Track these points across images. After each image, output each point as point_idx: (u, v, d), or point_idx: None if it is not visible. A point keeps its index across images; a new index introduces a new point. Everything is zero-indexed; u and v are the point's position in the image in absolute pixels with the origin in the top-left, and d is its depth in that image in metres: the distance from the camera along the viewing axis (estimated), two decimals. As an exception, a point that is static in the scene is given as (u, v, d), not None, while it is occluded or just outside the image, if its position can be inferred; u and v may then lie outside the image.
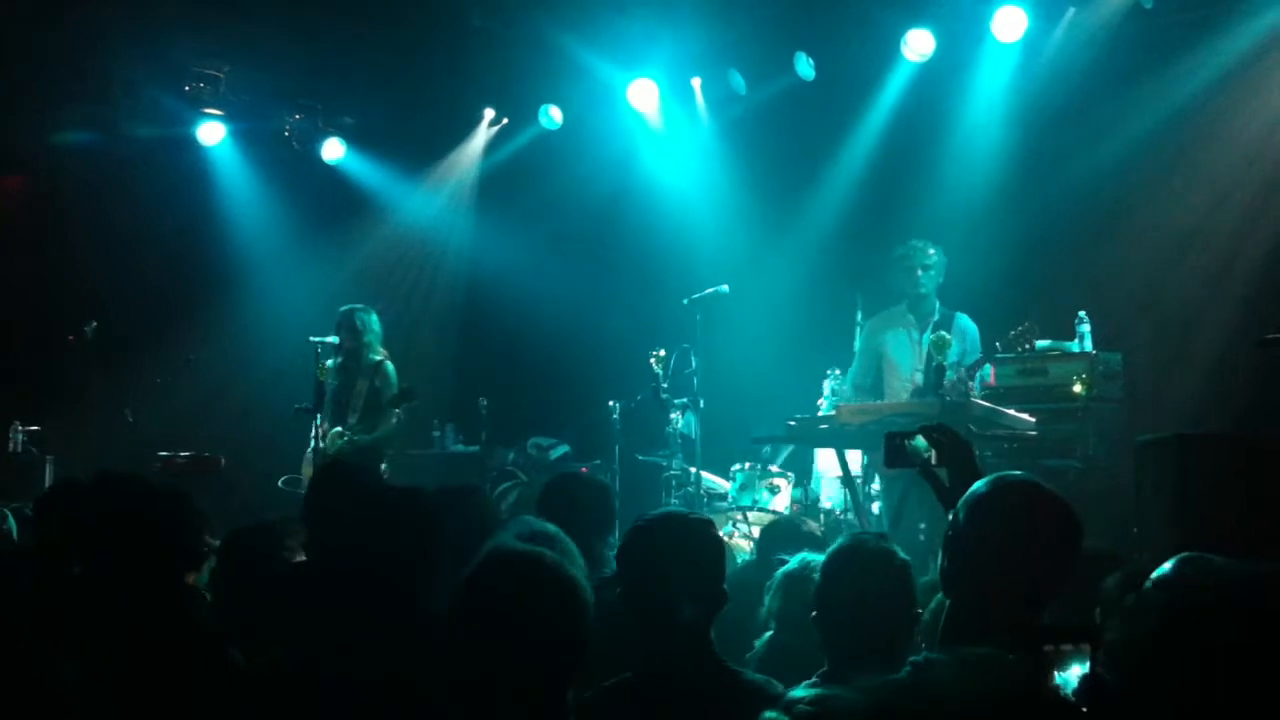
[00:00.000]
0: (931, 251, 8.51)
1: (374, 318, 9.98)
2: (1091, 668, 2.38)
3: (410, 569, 3.57)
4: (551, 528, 3.99)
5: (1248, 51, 9.01)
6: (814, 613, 3.78)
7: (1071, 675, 2.41)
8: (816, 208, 10.87)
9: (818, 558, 4.20)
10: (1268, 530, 5.20)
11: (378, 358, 9.85)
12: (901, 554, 3.83)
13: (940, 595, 4.24)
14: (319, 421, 9.39)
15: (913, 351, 8.47)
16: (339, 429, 9.57)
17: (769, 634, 4.46)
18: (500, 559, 2.98)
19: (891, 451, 3.91)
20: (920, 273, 8.45)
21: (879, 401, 8.28)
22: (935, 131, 10.22)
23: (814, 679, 3.64)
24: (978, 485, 3.19)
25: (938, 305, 8.55)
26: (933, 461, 3.80)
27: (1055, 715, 2.16)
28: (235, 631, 3.73)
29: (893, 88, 10.45)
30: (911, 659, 3.02)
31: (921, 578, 4.04)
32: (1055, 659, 2.41)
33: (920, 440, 3.84)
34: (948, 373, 7.72)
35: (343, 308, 9.98)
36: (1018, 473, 3.31)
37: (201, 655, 3.62)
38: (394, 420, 9.84)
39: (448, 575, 3.11)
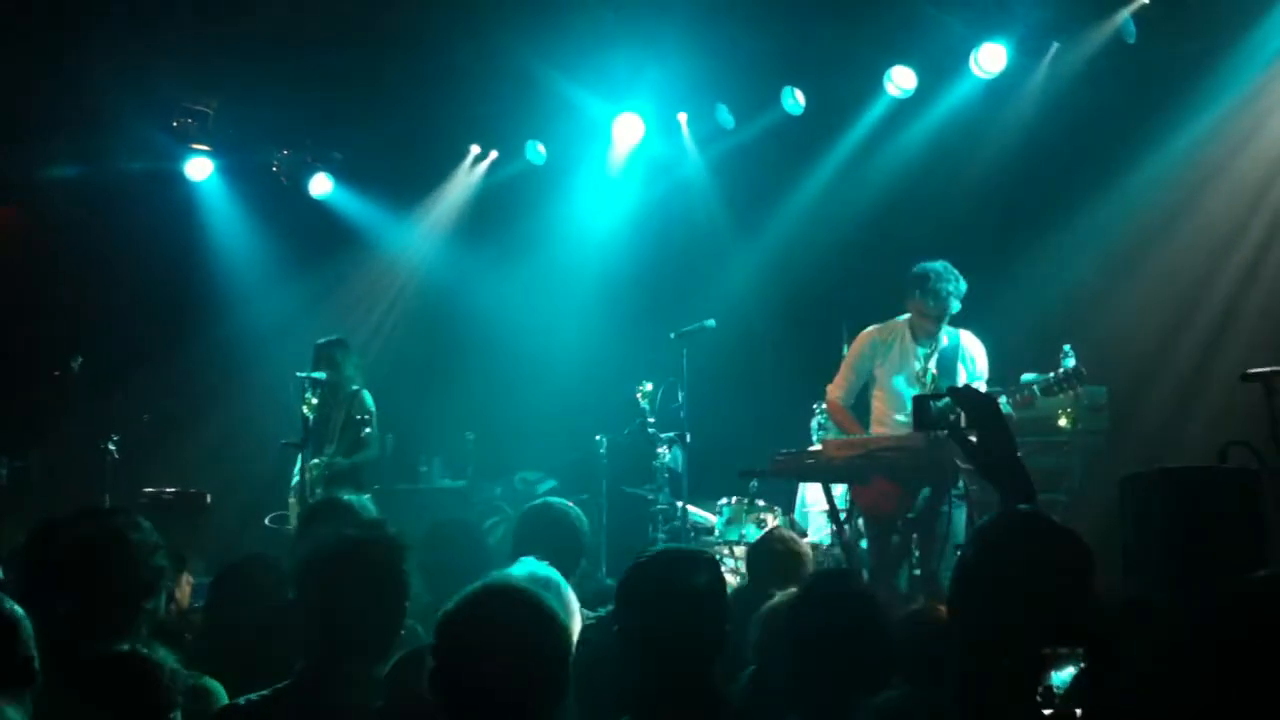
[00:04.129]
0: (964, 285, 8.11)
1: (351, 351, 10.14)
2: (1085, 670, 2.41)
3: (397, 602, 3.56)
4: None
5: (1235, 86, 9.09)
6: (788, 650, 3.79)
7: (1064, 675, 2.43)
8: (802, 242, 10.91)
9: (790, 594, 4.23)
10: (1252, 563, 5.23)
11: (355, 387, 10.02)
12: (867, 587, 3.83)
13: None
14: (305, 457, 9.46)
15: (906, 368, 8.13)
16: (317, 460, 9.63)
17: (751, 668, 4.46)
18: (480, 593, 2.98)
19: (920, 414, 3.88)
20: (954, 301, 8.07)
21: (865, 435, 8.26)
22: (921, 167, 10.29)
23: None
24: (986, 519, 3.19)
25: (943, 339, 8.20)
26: (961, 423, 3.76)
27: None
28: (226, 664, 3.73)
29: (878, 123, 10.52)
30: None
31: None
32: (1049, 661, 2.43)
33: (948, 401, 3.81)
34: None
35: (319, 341, 10.09)
36: (1025, 506, 3.30)
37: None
38: (374, 448, 9.97)
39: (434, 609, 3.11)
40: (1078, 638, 2.63)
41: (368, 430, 9.86)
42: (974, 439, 3.65)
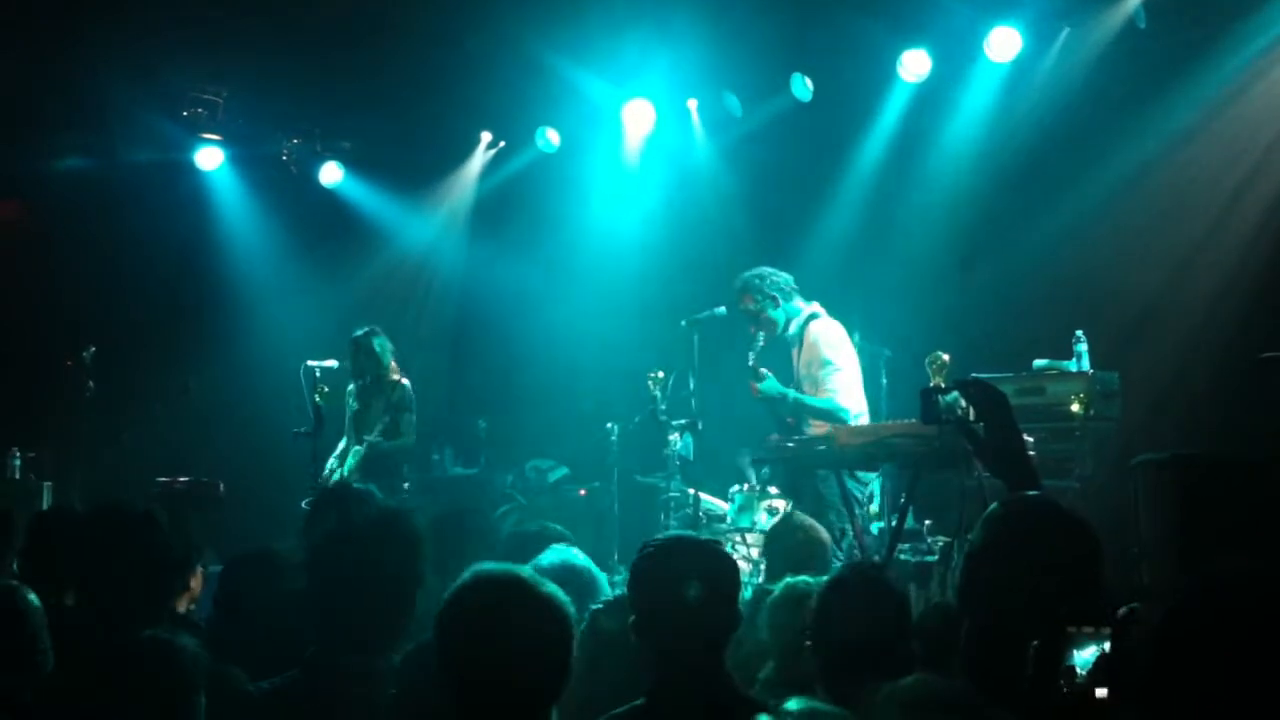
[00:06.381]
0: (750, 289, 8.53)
1: (387, 339, 10.10)
2: (1109, 650, 2.41)
3: (409, 592, 3.56)
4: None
5: (1245, 71, 9.05)
6: (809, 642, 3.78)
7: (1087, 656, 2.44)
8: (813, 229, 10.88)
9: (804, 581, 4.22)
10: (1265, 549, 5.21)
11: (396, 378, 10.02)
12: (894, 579, 3.83)
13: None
14: (340, 446, 9.51)
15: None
16: (358, 448, 9.67)
17: (771, 664, 4.45)
18: (478, 578, 2.98)
19: (927, 407, 3.88)
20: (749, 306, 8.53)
21: (877, 424, 8.27)
22: (932, 152, 10.25)
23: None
24: (995, 505, 3.19)
25: (790, 328, 8.55)
26: (970, 417, 3.76)
27: None
28: (237, 655, 3.73)
29: (889, 109, 10.48)
30: None
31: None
32: (1073, 639, 2.44)
33: (955, 395, 3.82)
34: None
35: (356, 332, 10.05)
36: (1034, 492, 3.31)
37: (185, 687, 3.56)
38: (411, 436, 10.02)
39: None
40: (1098, 619, 2.63)
41: (408, 416, 9.91)
42: (980, 431, 3.65)
